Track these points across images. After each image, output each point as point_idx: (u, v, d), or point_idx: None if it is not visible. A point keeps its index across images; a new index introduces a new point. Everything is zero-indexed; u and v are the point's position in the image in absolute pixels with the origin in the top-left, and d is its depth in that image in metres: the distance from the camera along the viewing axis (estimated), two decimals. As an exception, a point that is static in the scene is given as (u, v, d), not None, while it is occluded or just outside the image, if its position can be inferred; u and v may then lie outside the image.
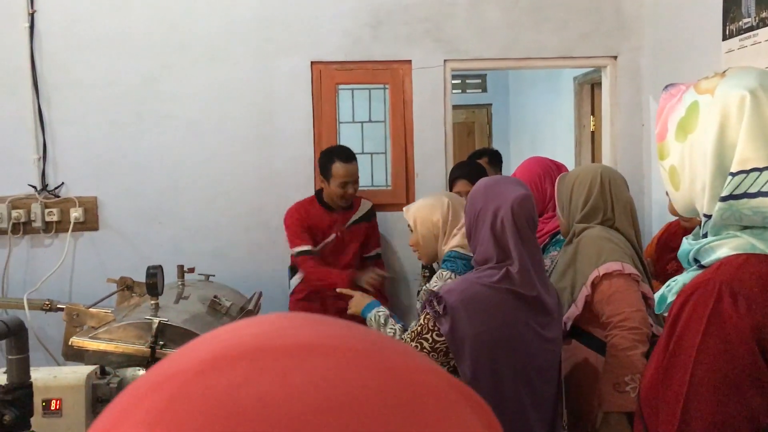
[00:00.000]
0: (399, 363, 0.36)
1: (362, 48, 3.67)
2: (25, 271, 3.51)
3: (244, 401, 0.32)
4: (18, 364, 1.46)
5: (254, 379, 0.33)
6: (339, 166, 3.25)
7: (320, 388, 0.33)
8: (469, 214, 1.86)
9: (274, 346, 0.35)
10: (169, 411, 0.32)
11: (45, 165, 3.51)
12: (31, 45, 3.46)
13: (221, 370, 0.34)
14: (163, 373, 0.35)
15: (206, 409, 0.32)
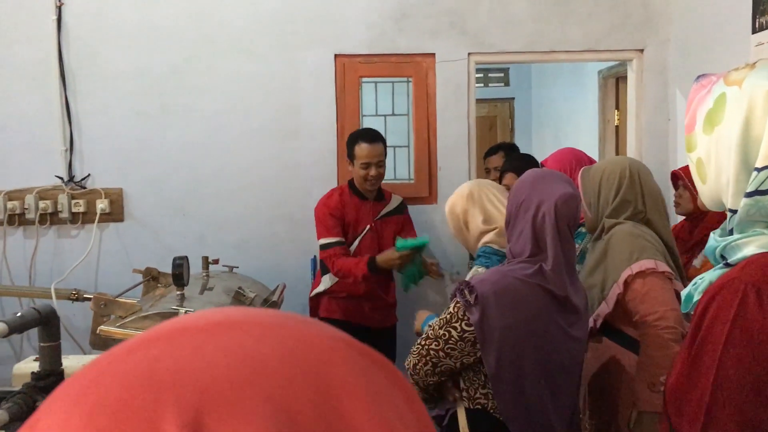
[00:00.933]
0: (305, 332, 0.38)
1: (386, 41, 3.66)
2: (52, 262, 3.55)
3: (161, 372, 0.34)
4: (50, 351, 1.48)
5: (170, 353, 0.36)
6: (362, 146, 3.19)
7: (230, 357, 0.35)
8: (511, 203, 1.84)
9: (191, 326, 0.38)
10: (94, 386, 0.35)
11: (72, 156, 3.55)
12: (58, 37, 3.49)
13: (142, 348, 0.37)
14: (94, 361, 0.38)
15: (127, 381, 0.34)
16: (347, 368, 0.37)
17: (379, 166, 3.20)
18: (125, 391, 0.34)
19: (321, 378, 0.35)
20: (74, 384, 0.36)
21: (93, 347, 2.32)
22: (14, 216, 3.50)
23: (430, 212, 3.74)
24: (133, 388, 0.34)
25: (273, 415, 0.33)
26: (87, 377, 0.36)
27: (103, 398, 0.34)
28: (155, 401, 0.33)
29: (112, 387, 0.34)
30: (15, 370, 1.92)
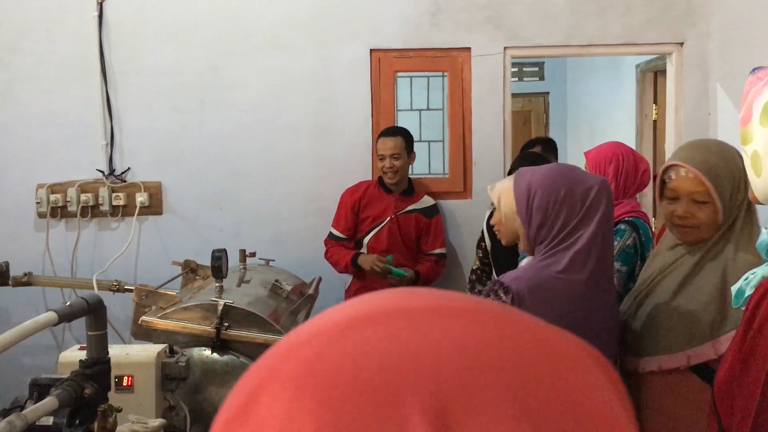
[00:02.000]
0: (528, 324, 0.37)
1: (421, 35, 3.66)
2: (93, 253, 3.63)
3: (392, 355, 0.33)
4: (97, 340, 1.52)
5: (398, 336, 0.34)
6: (380, 140, 3.39)
7: (461, 344, 0.34)
8: (544, 196, 1.78)
9: (408, 308, 0.37)
10: (318, 364, 0.34)
11: (112, 150, 3.62)
12: (99, 34, 3.56)
13: (364, 328, 0.35)
14: (302, 335, 0.37)
15: (356, 362, 0.33)
16: (583, 370, 0.35)
17: (394, 158, 3.33)
18: (359, 374, 0.33)
19: (562, 380, 0.34)
20: (290, 361, 0.35)
21: (135, 337, 2.36)
22: (57, 209, 3.58)
23: (465, 207, 3.73)
24: (368, 371, 0.33)
25: (517, 409, 0.32)
26: (305, 352, 0.35)
27: (334, 379, 0.33)
28: (395, 388, 0.32)
29: (339, 369, 0.33)
30: (61, 358, 1.97)
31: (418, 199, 3.47)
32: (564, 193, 1.73)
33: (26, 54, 3.57)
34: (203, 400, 2.24)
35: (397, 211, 3.40)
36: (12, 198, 3.58)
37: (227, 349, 2.30)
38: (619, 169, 2.51)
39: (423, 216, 3.45)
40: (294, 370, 0.34)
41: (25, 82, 3.58)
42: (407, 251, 3.43)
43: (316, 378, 0.33)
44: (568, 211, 1.73)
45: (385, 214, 3.39)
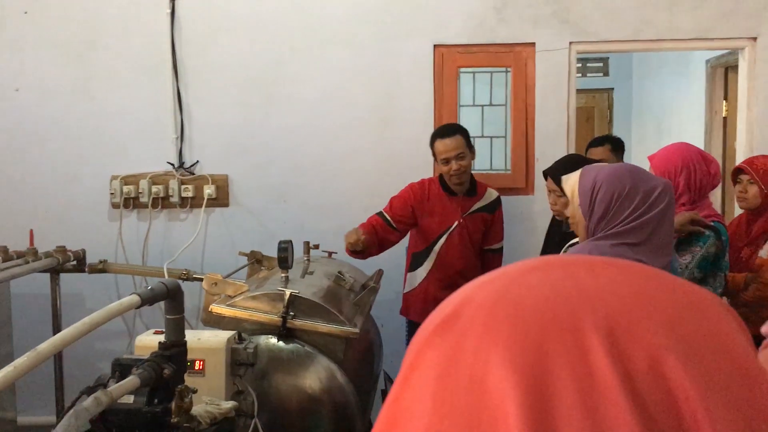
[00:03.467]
0: (683, 282, 0.44)
1: (486, 31, 3.65)
2: (163, 243, 3.75)
3: (567, 289, 0.41)
4: (175, 323, 1.59)
5: (573, 277, 0.42)
6: (438, 143, 3.17)
7: (629, 288, 0.41)
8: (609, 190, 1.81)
9: (580, 261, 0.45)
10: (508, 293, 0.42)
11: (182, 144, 3.74)
12: (171, 31, 3.68)
13: (541, 271, 0.44)
14: (490, 276, 0.45)
15: (537, 291, 0.41)
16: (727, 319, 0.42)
17: (460, 158, 3.13)
18: (543, 300, 0.40)
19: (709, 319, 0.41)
20: (483, 292, 0.43)
21: (204, 324, 2.44)
22: (129, 199, 3.72)
23: (527, 203, 3.71)
24: (549, 298, 0.40)
25: (674, 340, 0.39)
26: (495, 286, 0.43)
27: (522, 303, 0.41)
28: (572, 310, 0.39)
29: (529, 295, 0.41)
30: (137, 341, 2.06)
31: (482, 196, 3.32)
32: (628, 189, 1.76)
33: (102, 51, 3.71)
34: (269, 386, 2.30)
35: (464, 213, 3.25)
36: (88, 189, 3.73)
37: (293, 338, 2.36)
38: (691, 178, 2.47)
39: (487, 213, 3.33)
40: (489, 296, 0.42)
41: (100, 78, 3.73)
42: (474, 253, 3.32)
43: (507, 300, 0.41)
44: (629, 206, 1.76)
45: (452, 218, 3.23)
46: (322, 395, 2.31)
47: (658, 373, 0.37)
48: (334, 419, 2.33)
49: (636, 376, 0.37)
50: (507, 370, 0.37)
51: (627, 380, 0.36)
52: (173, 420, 1.55)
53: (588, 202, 1.82)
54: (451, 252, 3.23)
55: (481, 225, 3.30)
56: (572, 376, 0.37)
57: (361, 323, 2.51)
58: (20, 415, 3.40)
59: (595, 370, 0.37)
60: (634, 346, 0.38)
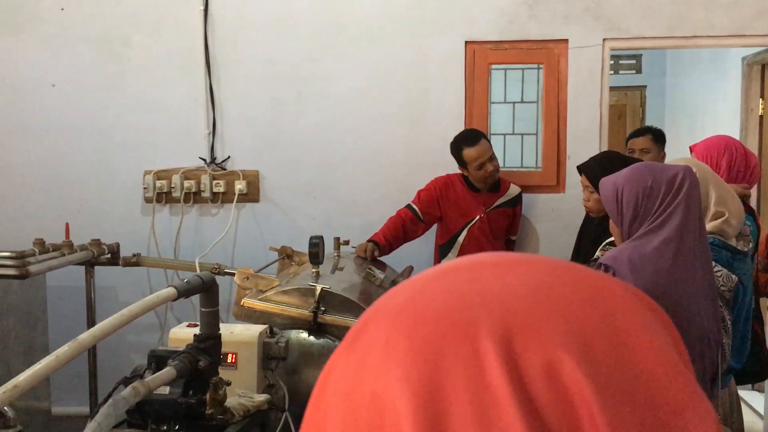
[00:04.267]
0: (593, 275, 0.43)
1: (518, 27, 3.63)
2: (194, 238, 3.79)
3: (471, 294, 0.41)
4: (210, 316, 1.61)
5: (477, 280, 0.42)
6: (468, 151, 3.30)
7: (529, 286, 0.41)
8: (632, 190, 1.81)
9: (487, 261, 0.45)
10: (412, 303, 0.42)
11: (214, 139, 3.77)
12: (205, 27, 3.71)
13: (449, 275, 0.43)
14: (402, 285, 0.45)
15: (443, 299, 0.41)
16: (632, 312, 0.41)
17: (492, 159, 3.31)
18: (442, 308, 0.40)
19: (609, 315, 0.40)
20: (390, 303, 0.43)
21: (236, 318, 2.47)
22: (162, 194, 3.76)
23: (558, 201, 3.69)
24: (449, 305, 0.40)
25: (571, 339, 0.38)
26: (402, 296, 0.43)
27: (423, 313, 0.40)
28: (470, 317, 0.39)
29: (431, 304, 0.41)
30: (171, 334, 2.09)
31: (505, 192, 3.47)
32: (651, 183, 1.77)
33: (136, 47, 3.76)
34: (300, 380, 2.31)
35: (486, 208, 3.40)
36: (122, 183, 3.79)
37: (323, 333, 2.37)
38: (732, 161, 2.44)
39: (509, 207, 3.48)
40: (393, 308, 0.42)
41: (134, 74, 3.77)
42: (499, 244, 3.46)
43: (409, 311, 0.41)
44: (657, 199, 1.76)
45: (474, 213, 3.39)
46: (352, 390, 2.32)
47: (553, 375, 0.36)
48: (364, 414, 2.34)
49: (530, 381, 0.36)
50: (402, 386, 0.37)
51: (520, 386, 0.36)
52: (208, 411, 1.57)
53: (615, 208, 1.82)
54: (474, 243, 3.37)
55: (504, 219, 3.46)
56: (466, 387, 0.36)
57: (391, 319, 2.51)
58: (54, 405, 3.46)
59: (489, 378, 0.36)
60: (528, 350, 0.37)
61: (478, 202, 3.40)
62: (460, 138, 3.38)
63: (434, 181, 3.46)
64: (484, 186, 3.38)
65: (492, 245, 3.40)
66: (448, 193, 3.41)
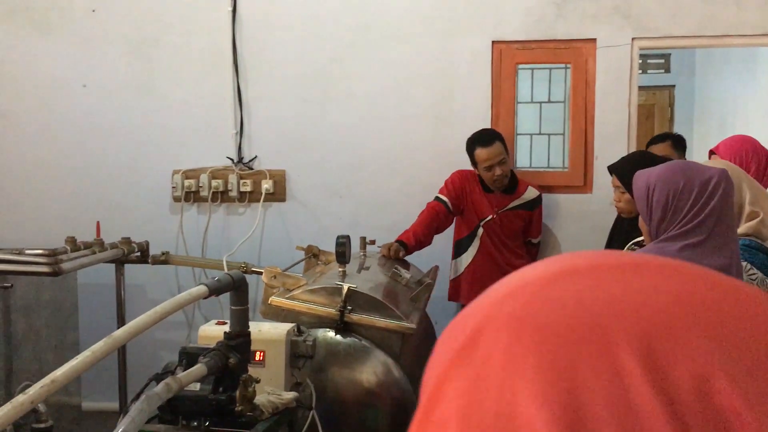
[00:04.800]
0: (728, 279, 0.40)
1: (545, 26, 3.61)
2: (221, 236, 3.83)
3: (598, 302, 0.37)
4: (239, 314, 1.63)
5: (601, 286, 0.38)
6: (479, 151, 3.32)
7: (668, 293, 0.37)
8: (663, 190, 1.78)
9: (607, 263, 0.40)
10: (531, 311, 0.38)
11: (241, 139, 3.80)
12: (233, 27, 3.75)
13: (566, 281, 0.39)
14: (510, 287, 0.41)
15: (564, 308, 0.37)
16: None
17: (502, 163, 3.31)
18: (570, 318, 0.37)
19: (752, 319, 0.37)
20: (504, 308, 0.39)
21: (264, 316, 2.48)
22: (190, 193, 3.80)
23: (585, 202, 3.66)
24: (577, 315, 0.37)
25: (720, 351, 0.34)
26: (517, 302, 0.39)
27: (548, 324, 0.37)
28: (602, 328, 0.35)
29: (554, 313, 0.37)
30: (200, 331, 2.11)
31: (521, 194, 3.47)
32: (683, 186, 1.73)
33: (165, 48, 3.81)
34: (326, 379, 2.33)
35: (498, 209, 3.42)
36: (151, 182, 3.84)
37: (350, 332, 2.39)
38: (761, 165, 2.40)
39: (526, 210, 3.48)
40: (510, 315, 0.38)
41: (163, 74, 3.82)
42: (516, 244, 3.50)
43: (531, 320, 0.37)
44: (687, 203, 1.72)
45: (487, 212, 3.42)
46: (378, 389, 2.33)
47: (704, 393, 0.33)
48: (391, 413, 2.35)
49: (679, 400, 0.33)
50: (536, 405, 0.34)
51: (669, 407, 0.33)
52: (237, 408, 1.59)
53: (645, 205, 1.79)
54: (491, 240, 3.43)
55: (519, 221, 3.47)
56: (609, 408, 0.33)
57: (417, 319, 2.52)
58: (84, 401, 3.52)
59: (634, 397, 0.33)
60: (675, 366, 0.34)
61: (491, 202, 3.43)
62: (475, 137, 3.39)
63: (456, 173, 3.49)
64: (493, 188, 3.40)
65: (509, 245, 3.45)
66: (468, 187, 3.45)
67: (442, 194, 3.42)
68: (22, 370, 2.96)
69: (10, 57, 3.84)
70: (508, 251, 3.43)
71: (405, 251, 3.22)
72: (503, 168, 3.32)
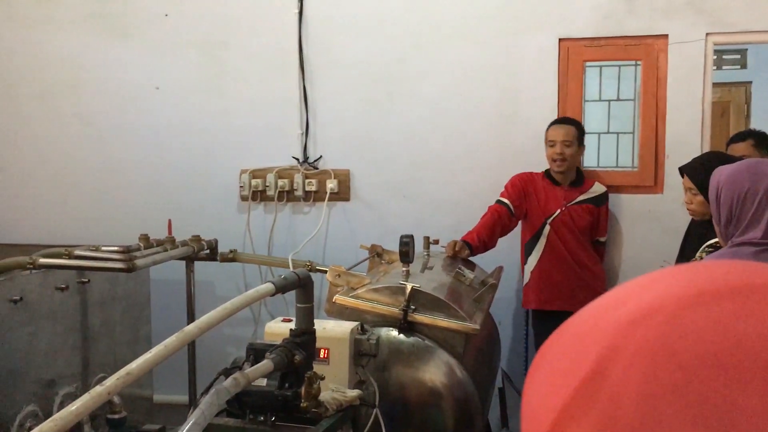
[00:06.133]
0: None
1: (614, 23, 3.53)
2: (287, 235, 3.90)
3: (749, 334, 0.32)
4: (305, 312, 1.65)
5: (748, 313, 0.33)
6: (551, 129, 3.37)
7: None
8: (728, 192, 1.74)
9: (753, 285, 0.35)
10: (668, 342, 0.33)
11: (306, 139, 3.86)
12: (299, 29, 3.80)
13: (709, 304, 0.34)
14: (640, 306, 0.35)
15: (706, 338, 0.32)
16: None
17: (565, 145, 3.30)
18: (714, 356, 0.31)
19: None
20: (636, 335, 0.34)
21: (328, 314, 2.51)
22: (257, 192, 3.88)
23: (655, 202, 3.56)
24: (723, 352, 0.32)
25: None
26: (650, 329, 0.34)
27: (688, 361, 0.32)
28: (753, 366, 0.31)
29: (693, 348, 0.32)
30: (267, 328, 2.15)
31: (588, 188, 3.44)
32: (747, 190, 1.71)
33: (234, 50, 3.89)
34: (389, 378, 2.33)
35: (567, 202, 3.39)
36: (219, 182, 3.93)
37: (413, 331, 2.39)
38: None
39: (593, 205, 3.43)
40: (640, 346, 0.33)
41: (232, 76, 3.91)
42: (584, 240, 3.43)
43: (668, 355, 0.32)
44: (751, 208, 1.69)
45: (555, 206, 3.39)
46: (442, 389, 2.33)
47: None
48: (454, 414, 2.34)
49: None
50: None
51: None
52: (302, 404, 1.61)
53: (715, 207, 1.77)
54: (557, 239, 3.38)
55: (587, 216, 3.42)
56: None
57: (480, 320, 2.50)
58: (156, 393, 3.63)
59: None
60: None
61: (559, 195, 3.39)
62: (554, 120, 3.45)
63: (517, 176, 3.48)
64: (556, 174, 3.38)
65: (577, 242, 3.39)
66: (530, 188, 3.42)
67: (503, 197, 3.41)
68: (97, 363, 3.08)
69: (89, 62, 4.00)
70: (577, 248, 3.39)
71: (469, 251, 3.20)
72: (564, 150, 3.30)
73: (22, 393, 2.66)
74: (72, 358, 2.98)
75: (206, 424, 1.25)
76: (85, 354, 3.06)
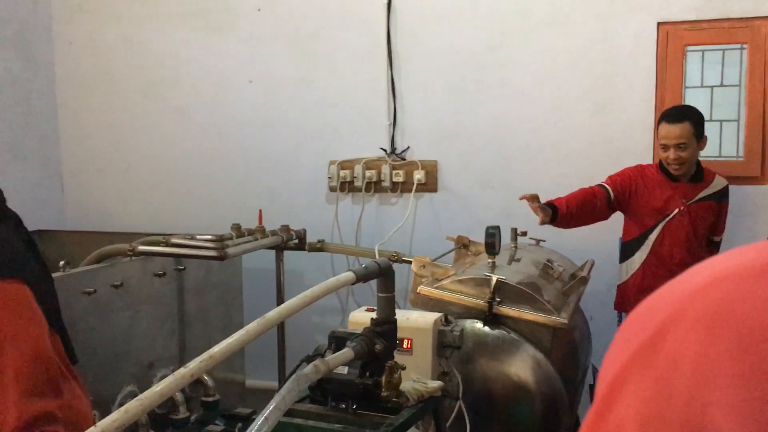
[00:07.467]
0: None
1: (718, 4, 3.33)
2: (374, 226, 3.92)
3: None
4: (386, 301, 1.65)
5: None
6: (661, 126, 2.99)
7: None
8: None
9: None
10: (729, 310, 0.33)
11: (394, 130, 3.86)
12: (387, 20, 3.80)
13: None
14: (705, 278, 0.36)
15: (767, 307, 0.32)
16: None
17: (680, 149, 2.93)
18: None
19: None
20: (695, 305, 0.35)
21: (412, 305, 2.51)
22: (345, 183, 3.92)
23: (762, 194, 3.35)
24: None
25: None
26: (711, 298, 0.34)
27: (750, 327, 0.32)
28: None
29: (757, 317, 0.32)
30: (350, 317, 2.17)
31: (710, 183, 3.07)
32: None
33: (324, 42, 3.94)
34: (473, 370, 2.31)
35: (688, 200, 3.03)
36: (308, 173, 4.00)
37: (498, 324, 2.35)
38: None
39: (715, 201, 3.08)
40: (703, 312, 0.34)
41: (321, 68, 3.96)
42: (700, 241, 3.08)
43: (729, 320, 0.32)
44: None
45: (672, 206, 3.03)
46: (529, 384, 2.28)
47: None
48: (542, 410, 2.29)
49: None
50: (734, 422, 0.30)
51: None
52: (383, 393, 1.61)
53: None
54: (669, 241, 3.04)
55: (708, 214, 3.06)
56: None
57: (569, 314, 2.43)
58: (248, 378, 3.75)
59: None
60: None
61: (678, 193, 3.02)
62: (666, 111, 3.07)
63: (628, 169, 3.14)
64: (674, 172, 3.00)
65: (691, 243, 3.03)
66: (643, 183, 3.07)
67: (606, 183, 3.11)
68: (192, 348, 3.21)
69: (186, 56, 4.15)
70: (689, 251, 3.01)
71: (553, 216, 2.95)
72: (679, 154, 2.92)
73: (122, 374, 2.80)
74: (169, 342, 3.12)
75: (286, 409, 1.27)
76: (181, 338, 3.19)
